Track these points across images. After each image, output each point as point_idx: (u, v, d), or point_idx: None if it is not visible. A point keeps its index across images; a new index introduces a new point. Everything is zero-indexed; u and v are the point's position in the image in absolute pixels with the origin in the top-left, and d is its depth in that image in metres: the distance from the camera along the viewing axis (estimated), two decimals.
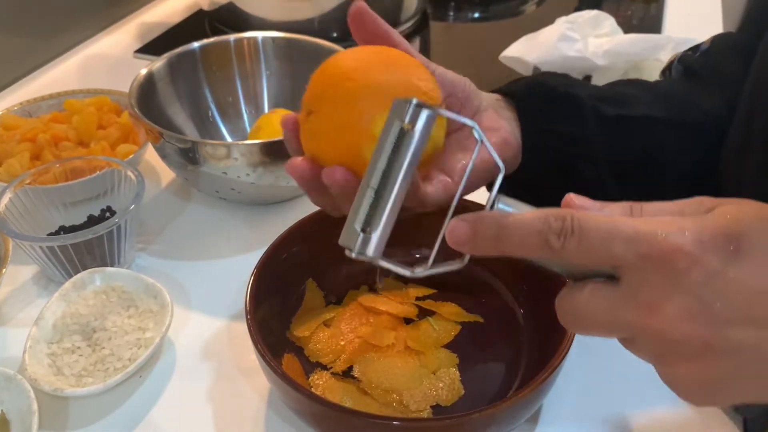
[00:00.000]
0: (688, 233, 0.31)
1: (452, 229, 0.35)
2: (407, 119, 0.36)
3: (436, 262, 0.38)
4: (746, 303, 0.31)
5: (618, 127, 0.54)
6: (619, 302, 0.33)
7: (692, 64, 0.62)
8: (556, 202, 0.53)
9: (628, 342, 0.35)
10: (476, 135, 0.37)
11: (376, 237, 0.36)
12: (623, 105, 0.55)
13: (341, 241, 0.37)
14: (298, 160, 0.45)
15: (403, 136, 0.36)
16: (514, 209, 0.36)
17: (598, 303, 0.34)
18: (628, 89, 0.59)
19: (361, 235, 0.36)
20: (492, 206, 0.36)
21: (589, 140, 0.53)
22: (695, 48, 0.65)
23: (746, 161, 0.54)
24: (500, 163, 0.37)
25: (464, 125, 0.37)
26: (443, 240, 0.37)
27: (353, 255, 0.37)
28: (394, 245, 0.60)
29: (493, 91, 0.54)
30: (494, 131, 0.50)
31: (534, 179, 0.53)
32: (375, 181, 0.36)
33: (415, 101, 0.36)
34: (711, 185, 0.58)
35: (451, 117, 0.37)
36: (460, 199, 0.39)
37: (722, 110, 0.57)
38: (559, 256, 0.33)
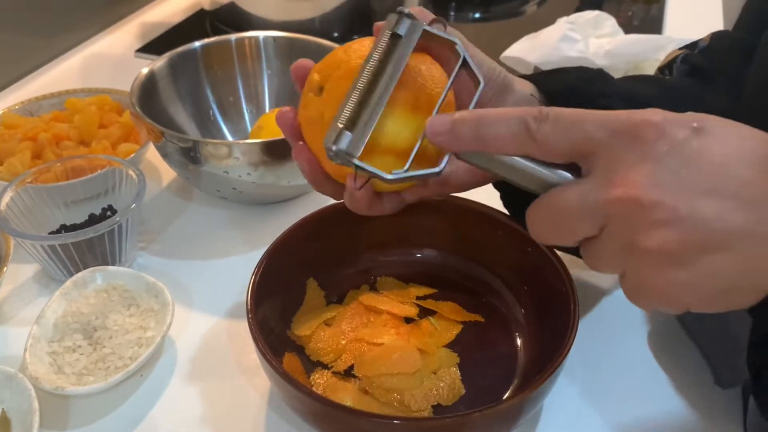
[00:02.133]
0: (655, 112, 0.34)
1: (431, 123, 0.37)
2: (399, 29, 0.39)
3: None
4: (708, 173, 0.33)
5: None
6: (591, 186, 0.34)
7: (697, 62, 0.62)
8: None
9: (596, 242, 0.35)
10: (459, 50, 0.40)
11: (356, 135, 0.38)
12: (637, 96, 0.55)
13: (324, 142, 0.39)
14: (302, 147, 0.45)
15: (393, 43, 0.39)
16: None
17: (570, 194, 0.35)
18: (639, 85, 0.58)
19: (343, 131, 0.38)
20: (474, 106, 0.39)
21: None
22: (693, 45, 0.65)
23: None
24: (480, 78, 0.40)
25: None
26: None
27: (332, 150, 0.38)
28: (394, 246, 0.61)
29: (529, 78, 0.53)
30: (531, 103, 0.49)
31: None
32: (362, 82, 0.39)
33: (406, 11, 0.39)
34: None
35: (435, 33, 0.40)
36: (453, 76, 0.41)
37: (726, 107, 0.57)
38: (534, 141, 0.35)
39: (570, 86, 0.52)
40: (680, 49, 0.65)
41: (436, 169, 0.39)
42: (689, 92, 0.59)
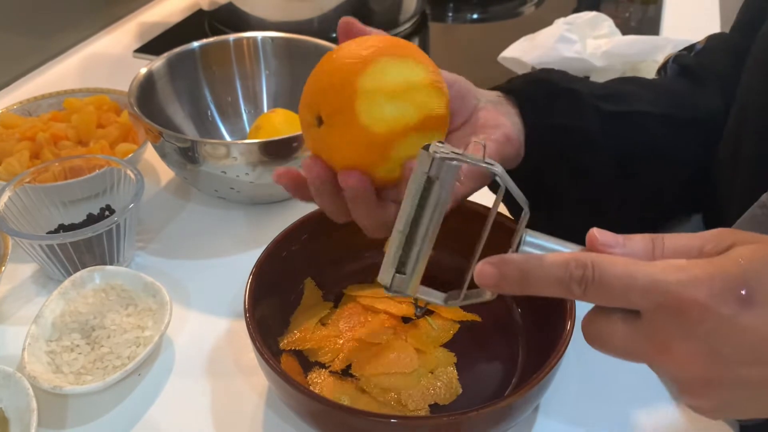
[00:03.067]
0: (701, 284, 0.33)
1: (479, 272, 0.37)
2: (432, 172, 0.39)
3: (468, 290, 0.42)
4: (753, 348, 0.33)
5: (616, 122, 0.54)
6: (637, 336, 0.35)
7: (688, 64, 0.62)
8: (559, 192, 0.52)
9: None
10: (500, 181, 0.40)
11: (409, 276, 0.41)
12: (621, 101, 0.56)
13: (379, 280, 0.41)
14: (313, 161, 0.45)
15: (430, 185, 0.39)
16: (539, 247, 0.38)
17: (619, 333, 0.36)
18: (627, 86, 0.59)
19: (396, 275, 0.41)
20: (518, 245, 0.38)
21: (589, 133, 0.54)
22: (690, 48, 0.65)
23: (738, 164, 0.54)
24: (523, 203, 0.39)
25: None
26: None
27: (390, 293, 0.41)
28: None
29: (493, 89, 0.54)
30: (495, 128, 0.50)
31: (537, 172, 0.53)
32: (404, 227, 0.40)
33: (438, 156, 0.38)
34: (707, 179, 0.58)
35: (473, 164, 0.39)
36: (493, 214, 0.43)
37: (718, 108, 0.58)
38: (581, 300, 0.35)
39: (532, 79, 0.54)
40: (679, 52, 0.66)
41: (490, 297, 0.42)
42: (676, 91, 0.60)
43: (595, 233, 0.37)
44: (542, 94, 0.53)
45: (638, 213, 0.59)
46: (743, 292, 0.33)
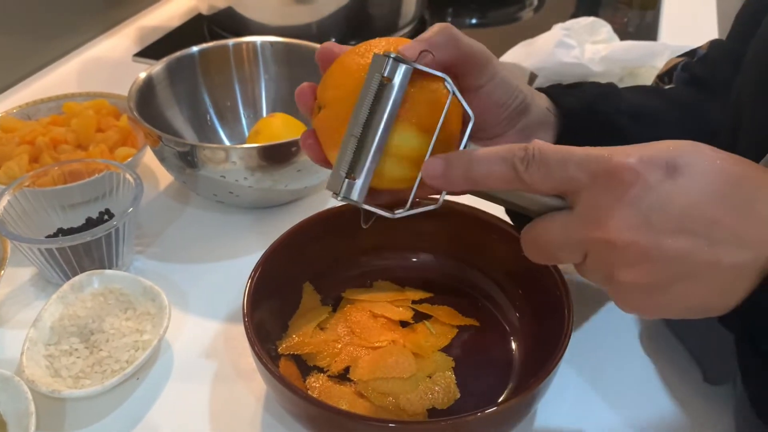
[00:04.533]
0: (631, 152, 0.36)
1: (426, 164, 0.40)
2: (386, 72, 0.39)
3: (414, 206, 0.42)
4: (679, 214, 0.36)
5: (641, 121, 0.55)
6: (573, 223, 0.38)
7: (696, 72, 0.63)
8: None
9: (582, 266, 0.40)
10: (448, 87, 0.41)
11: (360, 182, 0.40)
12: (651, 124, 0.56)
13: (328, 187, 0.41)
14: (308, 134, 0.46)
15: (383, 88, 0.39)
16: None
17: (555, 226, 0.39)
18: (652, 102, 0.59)
19: (346, 180, 0.40)
20: (464, 146, 0.40)
21: (622, 127, 0.54)
22: (692, 53, 0.65)
23: None
24: (470, 113, 0.41)
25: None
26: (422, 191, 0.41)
27: (339, 198, 0.41)
28: (390, 250, 0.62)
29: (545, 91, 0.54)
30: (547, 125, 0.51)
31: None
32: (357, 131, 0.40)
33: (393, 56, 0.39)
34: None
35: (425, 70, 0.40)
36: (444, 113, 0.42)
37: (722, 119, 0.58)
38: (522, 181, 0.38)
39: (587, 104, 0.54)
40: (679, 57, 0.66)
41: (435, 206, 0.42)
42: (691, 104, 0.60)
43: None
44: (586, 127, 0.53)
45: None
46: (669, 164, 0.36)
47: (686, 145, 0.37)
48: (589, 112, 0.53)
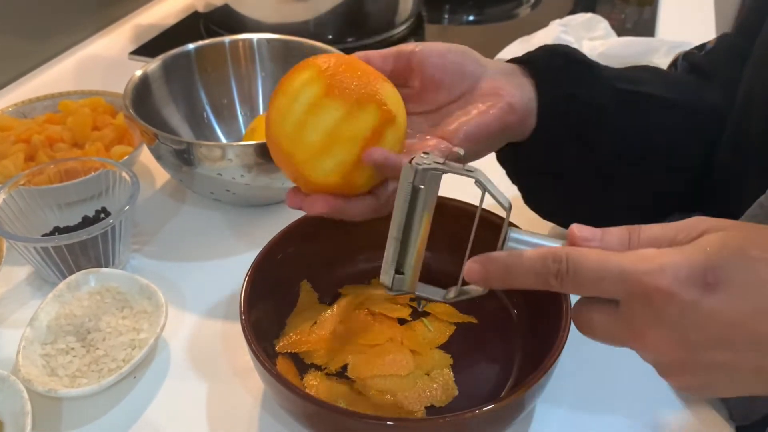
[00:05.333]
0: (666, 272, 0.35)
1: (468, 270, 0.41)
2: (415, 182, 0.42)
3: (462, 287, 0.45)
4: (719, 332, 0.35)
5: (631, 101, 0.55)
6: (616, 324, 0.38)
7: (697, 62, 0.63)
8: (565, 165, 0.55)
9: None
10: (479, 186, 0.42)
11: (408, 276, 0.45)
12: (637, 83, 0.56)
13: (381, 281, 0.45)
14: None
15: (416, 193, 0.43)
16: (523, 242, 0.41)
17: (601, 321, 0.38)
18: (639, 72, 0.60)
19: (395, 276, 0.45)
20: (503, 242, 0.41)
21: (602, 107, 0.54)
22: (701, 47, 0.66)
23: (741, 164, 0.54)
24: (506, 203, 0.41)
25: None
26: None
27: (392, 293, 0.45)
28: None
29: (510, 61, 0.55)
30: (497, 96, 0.51)
31: (549, 144, 0.54)
32: (398, 234, 0.44)
33: (421, 168, 0.42)
34: (708, 177, 0.58)
35: (453, 172, 0.42)
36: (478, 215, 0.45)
37: (720, 104, 0.58)
38: (560, 291, 0.38)
39: (550, 50, 0.55)
40: (691, 50, 0.66)
41: (483, 292, 0.43)
42: (689, 85, 0.60)
43: (575, 229, 0.39)
44: (559, 63, 0.54)
45: (638, 201, 0.59)
46: (707, 279, 0.34)
47: (726, 250, 0.35)
48: (549, 53, 0.55)
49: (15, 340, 0.54)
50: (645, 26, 1.08)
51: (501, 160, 0.58)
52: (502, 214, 0.42)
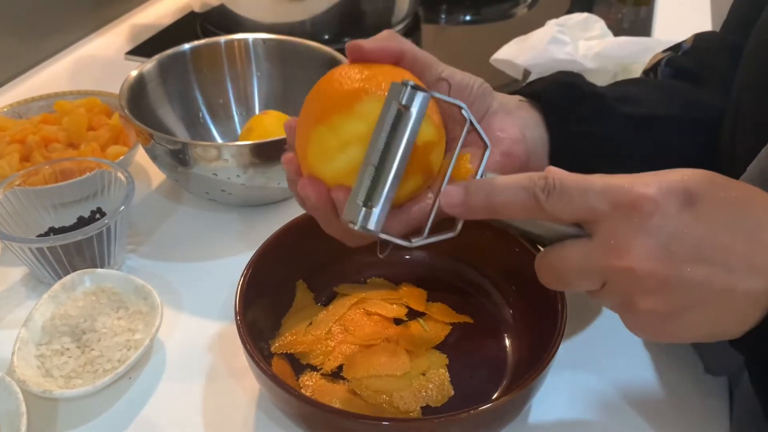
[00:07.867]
0: (650, 182, 0.37)
1: (446, 192, 0.39)
2: (404, 101, 0.39)
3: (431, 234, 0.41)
4: (697, 243, 0.36)
5: (638, 126, 0.55)
6: (593, 251, 0.38)
7: (683, 64, 0.62)
8: None
9: (598, 293, 0.40)
10: (465, 114, 0.41)
11: (377, 211, 0.39)
12: (639, 104, 0.55)
13: (344, 216, 0.40)
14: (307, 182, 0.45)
15: (400, 116, 0.39)
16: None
17: (574, 254, 0.39)
18: (635, 89, 0.59)
19: (363, 209, 0.39)
20: (482, 174, 0.40)
21: (615, 141, 0.53)
22: (676, 47, 0.65)
23: (733, 162, 0.54)
24: (487, 141, 0.41)
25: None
26: (439, 219, 0.41)
27: (356, 228, 0.39)
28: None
29: (514, 93, 0.54)
30: (497, 142, 0.49)
31: None
32: (375, 159, 0.39)
33: (411, 84, 0.39)
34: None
35: (443, 98, 0.40)
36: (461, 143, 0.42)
37: (721, 107, 0.58)
38: (543, 211, 0.38)
39: (558, 82, 0.54)
40: (664, 52, 0.65)
41: (452, 234, 0.41)
42: (680, 91, 0.60)
43: (552, 167, 0.39)
44: (567, 99, 0.53)
45: None
46: (686, 195, 0.37)
47: (699, 175, 0.38)
48: (557, 87, 0.54)
49: (10, 341, 0.53)
50: (641, 26, 1.08)
51: None
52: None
